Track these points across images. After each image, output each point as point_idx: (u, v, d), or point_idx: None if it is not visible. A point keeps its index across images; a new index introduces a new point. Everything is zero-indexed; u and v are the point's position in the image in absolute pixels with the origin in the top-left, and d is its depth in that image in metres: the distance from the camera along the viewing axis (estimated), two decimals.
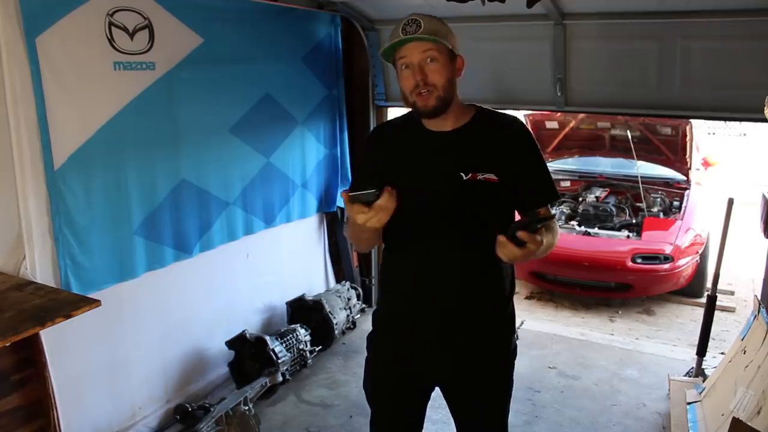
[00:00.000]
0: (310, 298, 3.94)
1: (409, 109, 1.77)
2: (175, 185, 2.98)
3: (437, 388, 1.97)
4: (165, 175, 2.93)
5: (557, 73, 3.51)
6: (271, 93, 3.51)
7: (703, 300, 4.22)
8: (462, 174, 1.70)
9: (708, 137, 10.37)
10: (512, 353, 1.91)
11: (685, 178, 5.99)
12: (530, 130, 1.85)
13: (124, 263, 2.77)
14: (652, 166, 6.13)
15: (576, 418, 3.33)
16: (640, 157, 5.90)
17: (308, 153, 3.95)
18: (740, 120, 3.75)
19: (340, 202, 4.26)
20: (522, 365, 3.89)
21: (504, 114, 1.84)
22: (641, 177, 5.83)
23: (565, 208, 5.89)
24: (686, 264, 5.10)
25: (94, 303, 2.08)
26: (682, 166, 6.00)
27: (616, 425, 3.27)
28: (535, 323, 4.70)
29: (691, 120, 5.39)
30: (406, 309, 1.84)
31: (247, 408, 2.98)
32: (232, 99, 3.26)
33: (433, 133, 1.77)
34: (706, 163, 6.84)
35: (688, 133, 5.57)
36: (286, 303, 3.89)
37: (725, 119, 4.63)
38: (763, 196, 2.92)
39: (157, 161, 2.87)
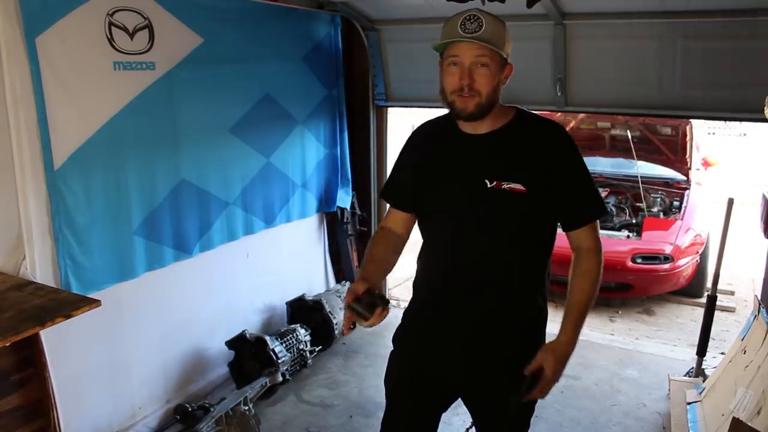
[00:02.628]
0: (310, 298, 3.94)
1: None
2: (175, 185, 2.98)
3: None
4: (165, 175, 2.93)
5: (557, 73, 3.51)
6: (271, 93, 3.51)
7: (703, 300, 4.22)
8: (486, 181, 1.64)
9: (708, 137, 10.36)
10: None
11: (685, 178, 5.99)
12: (572, 137, 1.73)
13: (124, 263, 2.77)
14: (652, 166, 6.12)
15: (576, 418, 3.33)
16: (640, 157, 5.89)
17: (308, 153, 3.95)
18: (740, 120, 3.75)
19: (340, 201, 4.26)
20: None
21: (546, 119, 1.74)
22: (641, 177, 5.82)
23: None
24: (686, 264, 5.10)
25: (94, 303, 2.08)
26: (682, 166, 6.00)
27: (616, 425, 3.27)
28: None
29: (691, 120, 5.39)
30: (435, 313, 1.80)
31: (247, 408, 2.98)
32: (232, 99, 3.26)
33: (466, 136, 1.71)
34: (706, 163, 6.83)
35: (688, 133, 5.57)
36: (286, 303, 3.89)
37: (725, 119, 4.63)
38: (763, 196, 2.92)
39: (157, 161, 2.87)
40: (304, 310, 3.89)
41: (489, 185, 1.64)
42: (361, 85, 4.29)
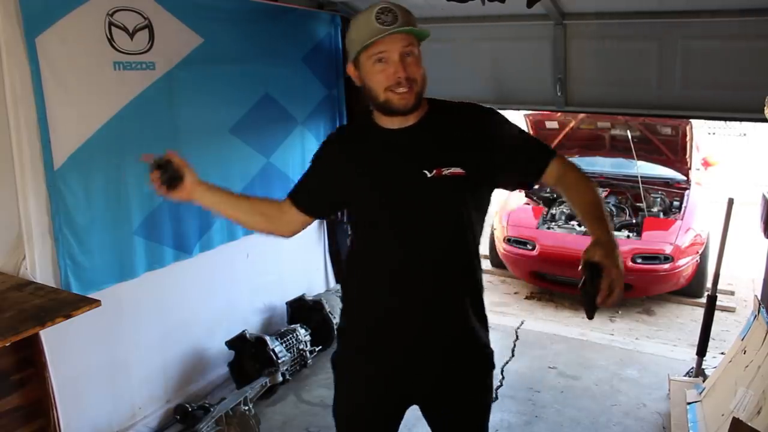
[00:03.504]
0: (310, 298, 3.93)
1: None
2: None
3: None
4: None
5: (557, 73, 3.51)
6: (271, 93, 3.51)
7: (703, 300, 4.22)
8: (426, 172, 1.59)
9: (708, 137, 10.36)
10: (492, 357, 1.80)
11: (685, 178, 5.99)
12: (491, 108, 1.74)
13: (124, 263, 2.77)
14: (652, 166, 6.12)
15: (576, 418, 3.33)
16: (640, 157, 5.89)
17: (308, 153, 3.94)
18: (740, 120, 3.76)
19: None
20: (522, 365, 3.91)
21: (461, 102, 1.71)
22: (641, 177, 5.82)
23: (565, 208, 5.88)
24: (686, 264, 5.10)
25: (94, 303, 2.08)
26: (682, 166, 5.99)
27: (616, 425, 3.27)
28: (536, 323, 4.71)
29: (691, 120, 5.39)
30: (384, 324, 1.70)
31: (247, 408, 2.98)
32: (232, 99, 3.26)
33: (392, 132, 1.65)
34: (706, 163, 6.84)
35: (688, 133, 5.56)
36: (286, 303, 3.88)
37: (725, 119, 4.63)
38: (763, 196, 2.92)
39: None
40: (304, 310, 3.89)
41: (429, 175, 1.59)
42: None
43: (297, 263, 4.06)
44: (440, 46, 3.79)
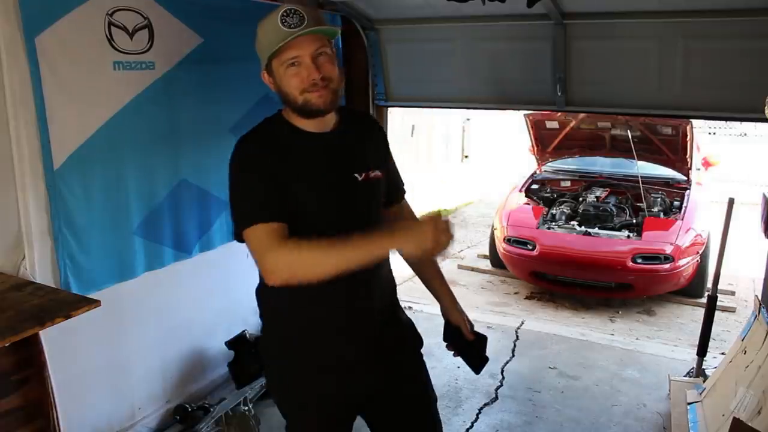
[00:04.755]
0: None
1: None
2: (174, 185, 2.97)
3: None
4: (164, 175, 2.92)
5: (557, 72, 3.51)
6: (271, 93, 3.49)
7: (704, 300, 4.21)
8: (356, 175, 1.63)
9: (708, 137, 10.37)
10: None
11: (686, 178, 6.00)
12: None
13: (123, 263, 2.77)
14: (653, 166, 6.13)
15: (576, 419, 3.33)
16: (640, 157, 5.90)
17: None
18: (740, 120, 3.75)
19: None
20: (522, 365, 3.91)
21: (360, 110, 1.81)
22: (642, 177, 5.83)
23: (565, 208, 5.89)
24: (687, 264, 5.11)
25: (94, 303, 2.08)
26: (683, 166, 6.00)
27: (616, 425, 3.27)
28: (536, 323, 4.71)
29: (691, 120, 5.39)
30: (347, 323, 1.68)
31: (246, 408, 2.98)
32: (231, 98, 3.25)
33: (316, 136, 1.62)
34: (706, 163, 6.85)
35: (688, 133, 5.57)
36: None
37: (725, 119, 4.63)
38: (764, 195, 2.92)
39: (157, 161, 2.86)
40: None
41: (360, 178, 1.63)
42: (361, 84, 4.28)
43: None
44: (440, 46, 3.79)
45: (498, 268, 6.14)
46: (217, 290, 3.39)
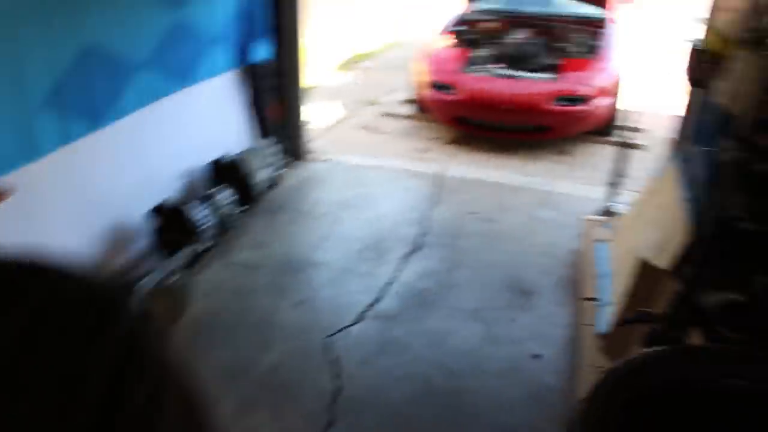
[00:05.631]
0: (229, 159, 3.77)
1: None
2: (79, 49, 2.63)
3: None
4: (67, 38, 2.57)
5: None
6: None
7: (618, 139, 4.35)
8: None
9: None
10: None
11: (605, 17, 5.91)
12: None
13: (28, 142, 2.49)
14: (577, 4, 6.00)
15: (496, 262, 3.49)
16: None
17: (221, 4, 3.57)
18: None
19: (257, 54, 3.97)
20: (445, 212, 4.00)
21: None
22: (563, 16, 5.70)
23: (488, 51, 5.75)
24: (603, 104, 5.20)
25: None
26: (603, 2, 5.90)
27: (533, 266, 3.46)
28: (457, 169, 4.76)
29: None
30: None
31: (175, 278, 2.93)
32: None
33: None
34: None
35: None
36: (206, 165, 3.71)
37: None
38: (692, 46, 2.88)
39: (57, 22, 2.49)
40: (224, 171, 3.74)
41: None
42: None
43: (216, 123, 3.87)
44: None
45: (421, 112, 6.06)
46: (133, 160, 3.18)
